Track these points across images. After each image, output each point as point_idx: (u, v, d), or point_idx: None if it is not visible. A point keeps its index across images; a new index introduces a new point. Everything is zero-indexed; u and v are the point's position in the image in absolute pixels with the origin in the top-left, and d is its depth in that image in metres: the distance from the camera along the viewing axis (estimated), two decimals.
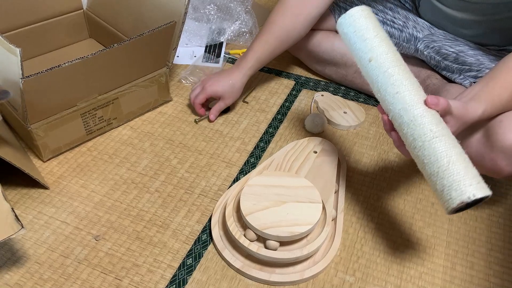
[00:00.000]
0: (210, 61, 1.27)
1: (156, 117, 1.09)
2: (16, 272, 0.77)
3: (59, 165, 0.95)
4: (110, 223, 0.85)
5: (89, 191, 0.91)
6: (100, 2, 1.19)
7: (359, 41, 0.73)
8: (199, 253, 0.81)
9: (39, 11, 1.13)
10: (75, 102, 0.92)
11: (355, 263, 0.82)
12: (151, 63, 1.02)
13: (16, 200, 0.87)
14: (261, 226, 0.76)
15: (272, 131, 1.08)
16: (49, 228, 0.83)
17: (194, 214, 0.88)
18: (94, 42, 1.26)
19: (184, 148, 1.01)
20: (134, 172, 0.95)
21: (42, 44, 1.18)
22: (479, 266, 0.82)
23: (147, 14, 1.05)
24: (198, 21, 1.36)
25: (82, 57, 0.85)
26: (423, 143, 0.66)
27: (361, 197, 0.93)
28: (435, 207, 0.92)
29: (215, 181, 0.95)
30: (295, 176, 0.87)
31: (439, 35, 1.04)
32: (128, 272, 0.78)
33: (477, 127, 0.83)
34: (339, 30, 0.77)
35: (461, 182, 0.62)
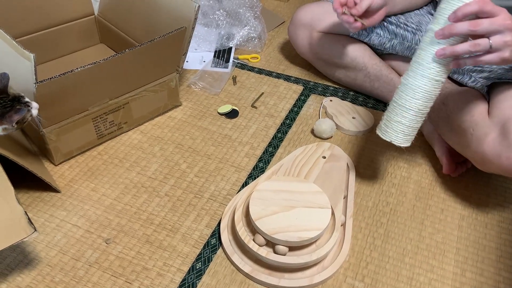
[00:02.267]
0: (219, 66, 1.28)
1: (165, 121, 1.10)
2: (27, 275, 0.77)
3: (70, 169, 0.96)
4: (121, 226, 0.86)
5: (99, 194, 0.91)
6: (111, 8, 1.20)
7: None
8: (208, 257, 0.82)
9: (51, 17, 1.15)
10: (86, 107, 0.93)
11: (364, 269, 0.82)
12: (162, 68, 1.03)
13: (28, 203, 0.89)
14: (270, 231, 0.77)
15: (281, 136, 1.08)
16: (61, 231, 0.84)
17: (203, 219, 0.88)
18: (105, 47, 1.27)
19: (193, 153, 1.02)
20: (144, 176, 0.96)
21: (54, 49, 1.20)
22: (488, 273, 0.82)
23: (158, 20, 1.06)
24: (207, 27, 1.37)
25: (94, 62, 0.86)
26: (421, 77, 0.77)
27: (370, 203, 0.93)
28: (444, 214, 0.92)
29: (224, 185, 0.95)
30: (304, 181, 0.88)
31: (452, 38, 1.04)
32: (138, 275, 0.78)
33: (492, 126, 0.83)
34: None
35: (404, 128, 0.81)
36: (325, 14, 1.14)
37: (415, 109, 0.79)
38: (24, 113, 0.76)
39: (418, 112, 0.79)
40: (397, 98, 0.81)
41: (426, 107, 0.80)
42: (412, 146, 1.06)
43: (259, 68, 1.29)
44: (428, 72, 0.76)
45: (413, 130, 0.82)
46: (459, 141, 0.91)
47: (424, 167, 1.02)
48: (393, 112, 0.82)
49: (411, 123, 0.81)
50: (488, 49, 0.70)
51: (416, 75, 0.77)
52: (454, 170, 0.98)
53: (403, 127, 0.81)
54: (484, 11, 0.69)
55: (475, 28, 0.69)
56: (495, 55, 0.70)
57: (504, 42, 0.69)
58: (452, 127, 0.93)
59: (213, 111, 1.14)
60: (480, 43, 0.70)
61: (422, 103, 0.78)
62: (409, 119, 0.80)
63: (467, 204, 0.94)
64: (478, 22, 0.69)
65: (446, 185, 0.98)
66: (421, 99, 0.78)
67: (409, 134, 0.82)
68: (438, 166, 1.01)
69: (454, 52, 0.72)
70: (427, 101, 0.79)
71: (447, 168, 0.98)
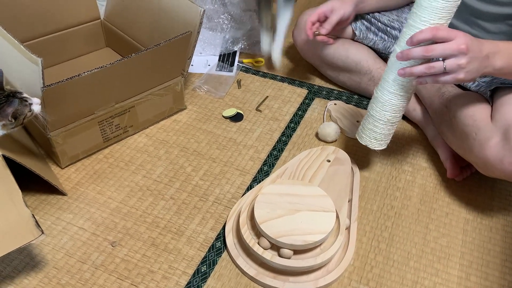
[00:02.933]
0: (224, 69, 1.29)
1: (171, 125, 1.11)
2: (34, 277, 0.78)
3: (76, 172, 0.97)
4: (126, 229, 0.86)
5: (105, 197, 0.92)
6: (117, 12, 1.21)
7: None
8: (213, 260, 0.82)
9: (58, 21, 1.16)
10: (93, 110, 0.94)
11: (369, 273, 0.82)
12: (167, 72, 1.04)
13: (35, 206, 0.89)
14: (275, 234, 0.77)
15: (285, 139, 1.09)
16: (67, 234, 0.85)
17: (208, 222, 0.89)
18: (110, 51, 1.28)
19: (198, 156, 1.03)
20: (149, 179, 0.97)
21: (60, 53, 1.21)
22: (493, 277, 0.82)
23: (163, 24, 1.07)
24: (212, 31, 1.38)
25: (101, 66, 0.87)
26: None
27: (375, 207, 0.94)
28: (449, 217, 0.92)
29: (229, 188, 0.96)
30: (308, 185, 0.88)
31: None
32: (143, 278, 0.79)
33: (495, 130, 0.83)
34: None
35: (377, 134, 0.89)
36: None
37: (384, 119, 0.86)
38: (15, 104, 0.74)
39: (388, 122, 0.87)
40: (370, 108, 0.89)
41: (395, 117, 0.87)
42: (416, 150, 1.07)
43: (264, 72, 1.30)
44: (394, 88, 0.82)
45: (385, 136, 0.90)
46: (462, 146, 0.91)
47: (429, 171, 1.02)
48: (366, 120, 0.90)
49: (382, 131, 0.89)
50: (443, 71, 0.73)
51: (383, 90, 0.84)
52: (458, 174, 0.98)
53: (375, 134, 0.90)
54: (438, 37, 0.72)
55: (428, 54, 0.73)
56: (450, 76, 0.74)
57: (458, 65, 0.72)
58: (455, 131, 0.93)
59: (218, 115, 1.14)
60: (435, 66, 0.74)
61: (390, 114, 0.86)
62: (380, 127, 0.88)
63: (472, 208, 0.94)
64: (431, 48, 0.73)
65: (451, 189, 0.98)
66: (389, 111, 0.85)
67: (382, 140, 0.91)
68: (442, 170, 1.01)
69: (412, 74, 0.77)
70: (395, 112, 0.85)
71: (451, 172, 0.98)
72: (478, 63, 0.74)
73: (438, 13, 0.73)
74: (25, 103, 0.77)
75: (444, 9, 0.73)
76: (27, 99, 0.77)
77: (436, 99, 1.02)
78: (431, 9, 0.73)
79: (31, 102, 0.78)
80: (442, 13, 0.73)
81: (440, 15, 0.73)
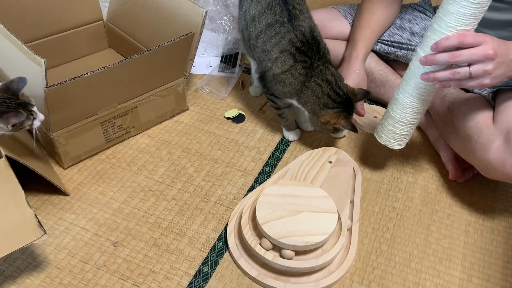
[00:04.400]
0: (226, 71, 1.29)
1: (173, 126, 1.11)
2: (37, 277, 0.78)
3: (79, 172, 0.97)
4: (128, 230, 0.87)
5: (107, 198, 0.92)
6: (119, 13, 1.22)
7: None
8: (215, 261, 0.82)
9: (61, 22, 1.17)
10: (95, 111, 0.94)
11: (370, 274, 0.82)
12: (169, 73, 1.04)
13: (38, 206, 0.90)
14: (277, 235, 0.77)
15: (287, 140, 1.09)
16: (69, 234, 0.85)
17: (210, 222, 0.89)
18: (113, 52, 1.29)
19: (200, 157, 1.03)
20: (151, 180, 0.97)
21: (63, 54, 1.21)
22: (495, 279, 0.82)
23: (165, 25, 1.08)
24: (214, 32, 1.38)
25: (104, 67, 0.87)
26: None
27: (376, 208, 0.94)
28: (451, 219, 0.92)
29: (231, 189, 0.96)
30: (310, 186, 0.88)
31: None
32: (145, 278, 0.79)
33: (497, 133, 0.83)
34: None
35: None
36: (331, 21, 1.14)
37: (404, 121, 0.86)
38: (22, 118, 0.75)
39: (408, 123, 0.87)
40: (390, 109, 0.88)
41: (416, 119, 0.86)
42: (418, 152, 1.07)
43: None
44: (416, 92, 0.82)
45: (404, 136, 0.90)
46: (464, 148, 0.91)
47: (431, 173, 1.02)
48: (386, 121, 0.90)
49: (401, 131, 0.88)
50: (468, 76, 0.72)
51: (405, 93, 0.83)
52: (460, 176, 0.98)
53: (394, 135, 0.90)
54: (465, 43, 0.71)
55: (454, 60, 0.72)
56: (475, 81, 0.73)
57: (484, 71, 0.71)
58: (458, 134, 0.93)
59: (220, 116, 1.14)
60: (460, 72, 0.72)
61: (411, 117, 0.85)
62: (400, 128, 0.88)
63: (474, 210, 0.94)
64: (458, 53, 0.71)
65: (453, 190, 0.98)
66: (410, 114, 0.85)
67: (402, 140, 0.91)
68: (444, 171, 1.01)
69: (436, 78, 0.76)
70: (415, 114, 0.85)
71: (453, 174, 0.98)
72: (505, 67, 0.72)
73: (465, 19, 0.71)
74: (31, 117, 0.78)
75: (471, 16, 0.71)
76: (34, 114, 0.78)
77: (438, 101, 1.02)
78: (457, 15, 0.71)
79: (36, 117, 0.79)
80: (469, 19, 0.71)
81: (467, 21, 0.71)
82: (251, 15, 0.97)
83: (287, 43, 0.92)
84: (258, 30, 0.96)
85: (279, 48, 0.93)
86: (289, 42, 0.92)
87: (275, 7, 0.94)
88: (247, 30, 0.99)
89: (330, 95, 0.92)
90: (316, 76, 0.91)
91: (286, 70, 0.92)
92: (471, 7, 0.70)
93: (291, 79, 0.93)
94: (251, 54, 1.05)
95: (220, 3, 1.37)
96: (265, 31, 0.95)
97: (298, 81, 0.92)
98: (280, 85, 0.95)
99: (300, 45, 0.91)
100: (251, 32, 0.98)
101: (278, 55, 0.93)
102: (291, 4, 0.94)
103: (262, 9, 0.95)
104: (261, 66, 0.98)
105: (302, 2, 0.97)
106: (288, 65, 0.92)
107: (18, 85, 0.76)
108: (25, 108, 0.77)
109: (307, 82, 0.92)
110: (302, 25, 0.93)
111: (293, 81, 0.93)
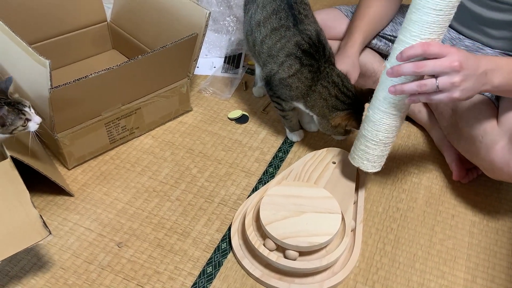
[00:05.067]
0: (229, 71, 1.29)
1: (176, 126, 1.11)
2: (41, 277, 0.79)
3: (83, 173, 0.98)
4: (132, 230, 0.87)
5: (112, 198, 0.93)
6: (123, 14, 1.22)
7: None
8: (219, 262, 0.82)
9: (65, 23, 1.17)
10: (99, 112, 0.95)
11: (374, 275, 0.82)
12: (173, 74, 1.04)
13: (42, 207, 0.90)
14: (281, 236, 0.77)
15: (291, 141, 1.09)
16: (74, 235, 0.85)
17: (214, 223, 0.89)
18: (117, 53, 1.29)
19: (204, 158, 1.03)
20: (155, 180, 0.97)
21: (67, 55, 1.22)
22: (500, 280, 0.82)
23: (169, 27, 1.08)
24: (217, 33, 1.39)
25: (108, 68, 0.87)
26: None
27: (380, 208, 0.93)
28: (455, 220, 0.92)
29: (234, 190, 0.96)
30: (314, 187, 0.88)
31: (461, 45, 1.04)
32: (149, 279, 0.79)
33: (502, 134, 0.83)
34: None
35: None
36: (334, 21, 1.14)
37: (376, 139, 0.82)
38: (3, 111, 0.73)
39: (380, 142, 0.82)
40: (361, 128, 0.85)
41: (388, 138, 0.82)
42: (422, 153, 1.07)
43: None
44: (385, 106, 0.78)
45: (378, 157, 0.85)
46: (469, 149, 0.91)
47: (435, 173, 1.02)
48: (358, 141, 0.86)
49: (374, 152, 0.84)
50: (436, 89, 0.69)
51: (375, 109, 0.80)
52: (464, 176, 0.98)
53: (367, 155, 0.85)
54: (429, 53, 0.68)
55: (419, 70, 0.69)
56: (444, 95, 0.70)
57: (451, 83, 0.68)
58: (462, 134, 0.93)
59: (223, 116, 1.15)
60: (427, 84, 0.69)
61: (382, 135, 0.81)
62: (372, 148, 0.83)
63: (478, 210, 0.94)
64: (422, 63, 0.68)
65: (457, 191, 0.98)
66: (382, 131, 0.80)
67: (375, 161, 0.85)
68: (448, 172, 1.01)
69: (403, 91, 0.72)
70: (387, 132, 0.81)
71: (457, 174, 0.98)
72: (474, 80, 0.69)
73: (429, 27, 0.69)
74: (22, 116, 0.76)
75: (435, 23, 0.69)
76: (26, 113, 0.77)
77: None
78: (421, 23, 0.69)
79: (30, 118, 0.77)
80: (433, 27, 0.69)
81: (431, 30, 0.69)
82: (256, 20, 0.97)
83: (293, 46, 0.92)
84: (263, 35, 0.96)
85: (285, 52, 0.93)
86: (295, 45, 0.92)
87: (280, 12, 0.94)
88: (252, 35, 1.00)
89: (338, 97, 0.91)
90: (323, 79, 0.91)
91: (293, 74, 0.92)
92: (433, 14, 0.68)
93: (298, 83, 0.92)
94: (256, 59, 1.05)
95: (224, 4, 1.38)
96: (270, 36, 0.95)
97: (305, 85, 0.92)
98: (286, 89, 0.95)
99: (308, 47, 0.91)
100: (256, 37, 0.98)
101: (284, 59, 0.93)
102: (296, 10, 0.94)
103: (267, 14, 0.95)
104: (266, 70, 0.98)
105: (307, 8, 0.97)
106: (295, 69, 0.92)
107: (6, 83, 0.77)
108: (14, 106, 0.76)
109: (313, 86, 0.92)
110: (308, 29, 0.93)
111: (299, 85, 0.93)
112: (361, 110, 0.93)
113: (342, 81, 0.92)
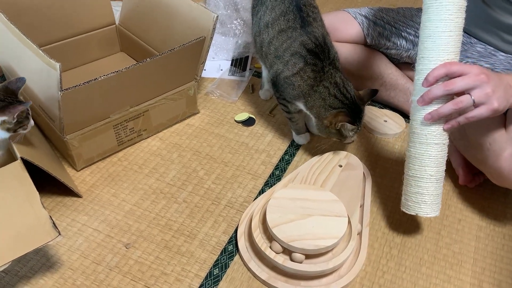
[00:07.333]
0: (236, 74, 1.30)
1: (184, 129, 1.12)
2: (50, 278, 0.80)
3: (91, 175, 0.99)
4: (140, 231, 0.88)
5: (119, 200, 0.94)
6: (131, 17, 1.23)
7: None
8: (225, 264, 0.83)
9: (74, 26, 1.18)
10: (108, 114, 0.96)
11: (380, 278, 0.82)
12: (181, 77, 1.05)
13: (51, 208, 0.91)
14: (287, 239, 0.78)
15: (297, 144, 1.09)
16: (82, 235, 0.86)
17: (220, 225, 0.90)
18: (125, 56, 1.30)
19: (210, 160, 1.04)
20: (162, 182, 0.98)
21: (76, 58, 1.23)
22: (506, 284, 0.81)
23: (177, 30, 1.09)
24: (225, 36, 1.39)
25: (117, 71, 0.88)
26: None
27: (387, 212, 0.94)
28: (462, 224, 0.92)
29: (241, 192, 0.96)
30: (320, 190, 0.88)
31: (473, 51, 1.03)
32: (157, 280, 0.80)
33: (510, 141, 0.82)
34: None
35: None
36: (340, 24, 1.15)
37: (427, 176, 0.78)
38: (27, 106, 0.77)
39: (431, 178, 0.78)
40: (407, 170, 0.82)
41: (438, 172, 0.79)
42: None
43: None
44: (425, 138, 0.77)
45: (434, 197, 0.80)
46: (476, 156, 0.91)
47: None
48: (408, 184, 0.82)
49: (428, 190, 0.79)
50: (472, 103, 0.70)
51: (415, 144, 0.78)
52: (470, 181, 0.98)
53: (422, 197, 0.80)
54: (452, 71, 0.70)
55: (450, 88, 0.70)
56: (484, 108, 0.70)
57: (486, 94, 0.69)
58: (469, 141, 0.93)
59: (230, 119, 1.15)
60: (463, 100, 0.70)
61: (431, 169, 0.78)
62: (425, 187, 0.79)
63: (485, 215, 0.94)
64: (452, 81, 0.70)
65: (463, 195, 0.98)
66: (429, 165, 0.77)
67: (432, 202, 0.80)
68: (455, 176, 1.01)
69: (440, 114, 0.73)
70: (436, 165, 0.78)
71: (463, 179, 0.97)
72: (503, 90, 0.71)
73: (444, 49, 0.72)
74: (28, 115, 0.80)
75: (449, 44, 0.72)
76: (29, 115, 0.81)
77: None
78: (437, 47, 0.72)
79: (29, 121, 0.81)
80: (449, 48, 0.72)
81: (448, 50, 0.72)
82: (265, 21, 0.98)
83: (298, 45, 0.93)
84: (270, 37, 0.97)
85: (291, 51, 0.93)
86: (301, 44, 0.92)
87: (288, 14, 0.95)
88: (260, 36, 1.00)
89: (336, 96, 0.91)
90: (325, 80, 0.92)
91: (296, 72, 0.93)
92: (446, 36, 0.72)
93: (301, 81, 0.93)
94: (263, 60, 1.06)
95: (231, 7, 1.38)
96: (277, 37, 0.95)
97: (307, 84, 0.93)
98: (290, 88, 0.96)
99: (313, 47, 0.92)
100: (263, 38, 0.99)
101: (289, 58, 0.94)
102: (305, 12, 0.94)
103: (276, 16, 0.96)
104: (272, 70, 0.99)
105: (316, 11, 0.97)
106: (299, 67, 0.92)
107: (17, 84, 0.78)
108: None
109: (315, 86, 0.92)
110: (315, 31, 0.94)
111: (302, 84, 0.93)
112: (358, 112, 0.92)
113: (343, 83, 0.92)
